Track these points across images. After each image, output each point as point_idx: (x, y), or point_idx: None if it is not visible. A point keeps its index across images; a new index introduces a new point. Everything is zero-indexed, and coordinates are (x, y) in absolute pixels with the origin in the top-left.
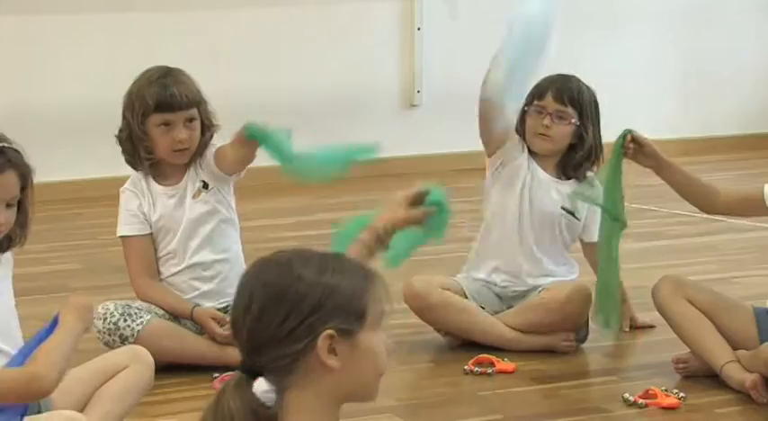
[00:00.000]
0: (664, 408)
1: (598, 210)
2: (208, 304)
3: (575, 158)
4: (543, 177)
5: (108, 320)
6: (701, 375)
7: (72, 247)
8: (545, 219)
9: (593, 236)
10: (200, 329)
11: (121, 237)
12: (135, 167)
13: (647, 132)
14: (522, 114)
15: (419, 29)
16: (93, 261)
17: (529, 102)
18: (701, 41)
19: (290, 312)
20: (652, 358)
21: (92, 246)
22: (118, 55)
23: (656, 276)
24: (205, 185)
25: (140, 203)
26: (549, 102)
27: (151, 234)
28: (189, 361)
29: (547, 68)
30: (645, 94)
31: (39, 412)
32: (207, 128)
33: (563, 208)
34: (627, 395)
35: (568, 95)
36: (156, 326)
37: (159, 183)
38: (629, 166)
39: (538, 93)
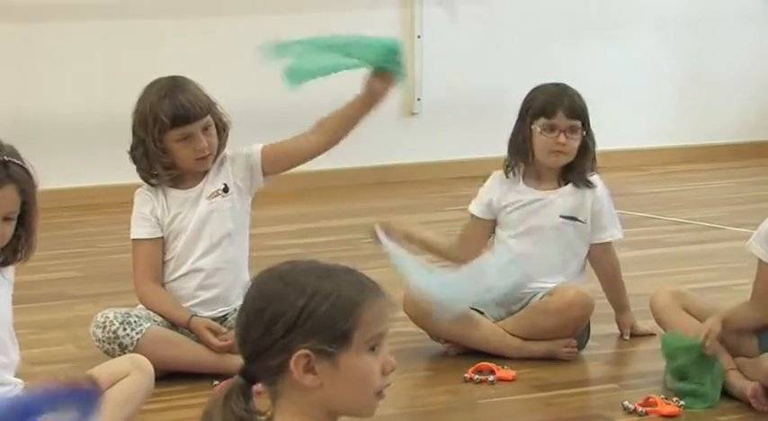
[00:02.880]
0: (664, 416)
1: (603, 210)
2: (206, 313)
3: (581, 166)
4: (531, 197)
5: (107, 329)
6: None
7: (71, 255)
8: (550, 236)
9: (601, 236)
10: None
11: (133, 239)
12: (150, 182)
13: (647, 140)
14: (527, 132)
15: (419, 37)
16: (93, 269)
17: (532, 119)
18: (700, 48)
19: (268, 329)
20: (652, 366)
21: (91, 253)
22: (117, 62)
23: (657, 284)
24: (225, 189)
25: (153, 207)
26: (561, 119)
27: (162, 238)
28: (188, 368)
29: (547, 75)
30: (644, 101)
31: None
32: (221, 129)
33: (562, 216)
34: (627, 403)
35: (577, 108)
36: (155, 333)
37: (176, 188)
38: (628, 171)
39: (547, 110)
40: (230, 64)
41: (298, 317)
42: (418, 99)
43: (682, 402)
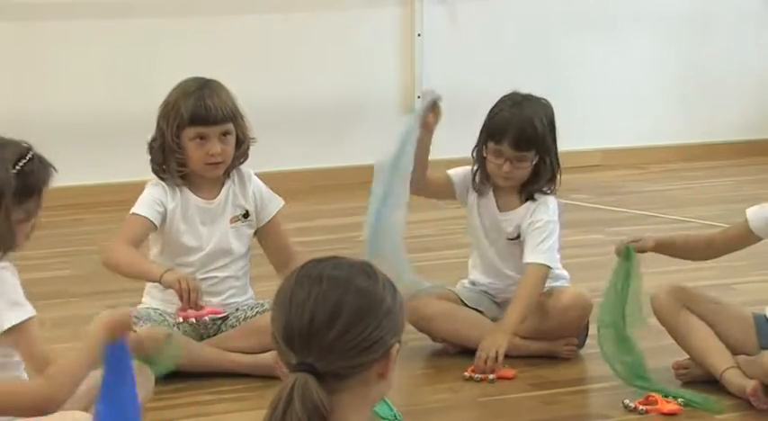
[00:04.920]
0: (664, 414)
1: (534, 233)
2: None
3: (537, 185)
4: (494, 213)
5: None
6: (702, 381)
7: (71, 253)
8: (509, 248)
9: (528, 256)
10: (200, 336)
11: (131, 213)
12: (161, 177)
13: (647, 138)
14: (481, 149)
15: (419, 35)
16: (93, 267)
17: (485, 140)
18: (701, 47)
19: (380, 323)
20: (652, 364)
21: (91, 252)
22: (117, 61)
23: (657, 282)
24: (246, 214)
25: (168, 200)
26: (506, 149)
27: (156, 228)
28: (188, 368)
29: (548, 73)
30: (645, 100)
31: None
32: (241, 142)
33: (508, 239)
34: (627, 401)
35: (525, 139)
36: None
37: (193, 193)
38: (628, 169)
39: (495, 136)
40: (230, 63)
41: (395, 311)
42: (418, 97)
43: (681, 400)
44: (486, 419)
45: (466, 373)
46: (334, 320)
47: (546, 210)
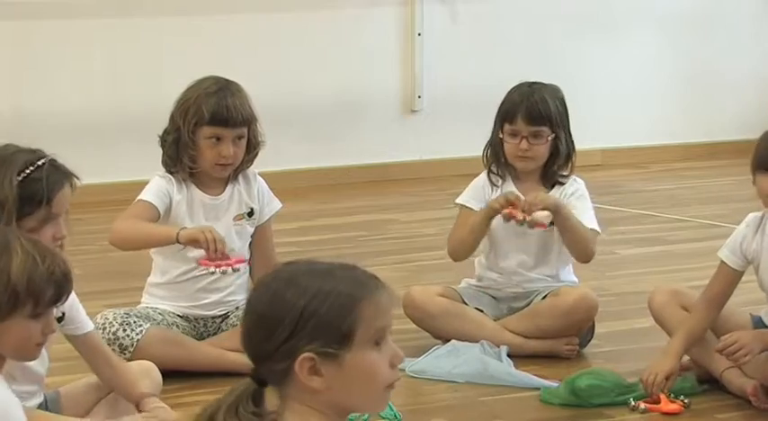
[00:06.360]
0: (666, 413)
1: (576, 200)
2: (208, 313)
3: (554, 167)
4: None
5: (107, 330)
6: (702, 381)
7: (72, 253)
8: (538, 240)
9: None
10: (200, 335)
11: (137, 199)
12: (170, 170)
13: (648, 137)
14: (497, 137)
15: (419, 34)
16: (94, 266)
17: (500, 124)
18: (701, 46)
19: (271, 333)
20: None
21: (92, 251)
22: (118, 61)
23: (656, 281)
24: (251, 213)
25: (175, 191)
26: (521, 125)
27: (160, 216)
28: (189, 368)
29: (548, 73)
30: (645, 99)
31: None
32: (253, 146)
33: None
34: (630, 400)
35: (538, 114)
36: (154, 334)
37: (198, 189)
38: (630, 168)
39: (508, 116)
40: (230, 62)
41: (299, 319)
42: (419, 96)
43: (684, 399)
44: (486, 419)
45: (504, 214)
46: (244, 325)
47: (578, 185)
